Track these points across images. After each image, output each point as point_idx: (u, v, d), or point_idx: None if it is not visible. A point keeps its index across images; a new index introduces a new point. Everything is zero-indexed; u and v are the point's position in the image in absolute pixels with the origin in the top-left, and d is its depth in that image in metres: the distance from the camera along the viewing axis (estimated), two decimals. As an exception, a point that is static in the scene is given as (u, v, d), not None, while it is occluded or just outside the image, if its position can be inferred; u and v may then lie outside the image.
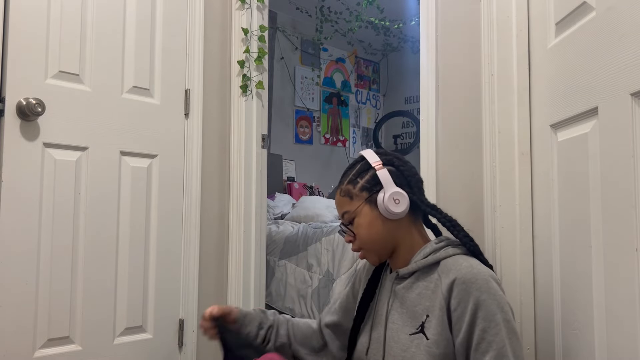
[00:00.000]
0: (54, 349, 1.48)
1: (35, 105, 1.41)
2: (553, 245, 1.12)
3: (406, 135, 5.05)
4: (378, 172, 1.04)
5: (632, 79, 0.81)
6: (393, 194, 1.01)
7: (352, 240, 1.07)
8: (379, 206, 1.03)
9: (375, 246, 1.05)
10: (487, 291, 0.91)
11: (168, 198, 1.76)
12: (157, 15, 1.77)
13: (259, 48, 1.96)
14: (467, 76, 1.43)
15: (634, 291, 0.81)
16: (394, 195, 1.01)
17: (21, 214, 1.43)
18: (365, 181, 1.05)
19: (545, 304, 1.17)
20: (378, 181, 1.04)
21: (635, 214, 0.80)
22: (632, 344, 0.82)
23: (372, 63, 5.26)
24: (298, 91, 4.50)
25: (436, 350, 0.93)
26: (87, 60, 1.58)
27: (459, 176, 1.18)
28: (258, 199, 1.95)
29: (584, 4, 0.98)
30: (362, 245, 1.06)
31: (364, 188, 1.05)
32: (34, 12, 1.47)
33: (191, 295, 1.79)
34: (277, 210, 3.51)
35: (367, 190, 1.05)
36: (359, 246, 1.07)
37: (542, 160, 1.19)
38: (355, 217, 1.05)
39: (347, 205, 1.07)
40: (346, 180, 1.08)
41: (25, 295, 1.43)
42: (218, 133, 1.92)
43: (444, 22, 1.51)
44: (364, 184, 1.05)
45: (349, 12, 3.92)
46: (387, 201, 1.01)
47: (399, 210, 1.01)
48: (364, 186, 1.05)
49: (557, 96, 1.11)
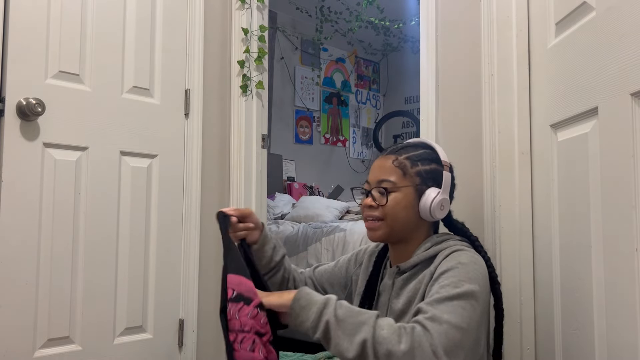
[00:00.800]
0: (54, 349, 1.48)
1: (35, 105, 1.41)
2: (553, 245, 1.12)
3: (406, 135, 5.05)
4: (445, 173, 1.04)
5: (632, 79, 0.81)
6: (443, 200, 1.02)
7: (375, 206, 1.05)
8: (423, 200, 1.02)
9: (394, 225, 1.03)
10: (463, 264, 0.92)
11: (168, 198, 1.76)
12: (157, 15, 1.77)
13: (259, 48, 1.96)
14: (467, 76, 1.43)
15: (634, 291, 0.81)
16: (443, 202, 1.02)
17: (21, 214, 1.43)
18: (425, 170, 1.04)
19: (545, 304, 1.17)
20: (436, 178, 1.04)
21: (635, 214, 0.80)
22: (632, 344, 0.82)
23: (372, 63, 5.26)
24: (298, 91, 4.50)
25: None
26: (87, 60, 1.58)
27: (458, 176, 1.18)
28: (258, 199, 1.95)
29: (584, 4, 0.98)
30: (386, 216, 1.03)
31: (420, 174, 1.03)
32: (34, 12, 1.47)
33: (191, 295, 1.79)
34: (277, 210, 3.51)
35: (421, 178, 1.03)
36: (381, 215, 1.04)
37: (542, 160, 1.19)
38: (395, 191, 1.03)
39: (395, 176, 1.04)
40: (406, 155, 1.06)
41: (25, 295, 1.43)
42: (218, 133, 1.92)
43: (444, 22, 1.51)
44: (423, 170, 1.04)
45: (349, 12, 3.92)
46: (436, 203, 1.01)
47: (439, 216, 1.03)
48: (421, 172, 1.03)
49: (557, 96, 1.10)
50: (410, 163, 1.04)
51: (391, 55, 5.17)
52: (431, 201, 1.01)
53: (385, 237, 1.06)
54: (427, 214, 1.02)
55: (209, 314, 1.85)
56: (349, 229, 2.60)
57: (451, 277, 0.91)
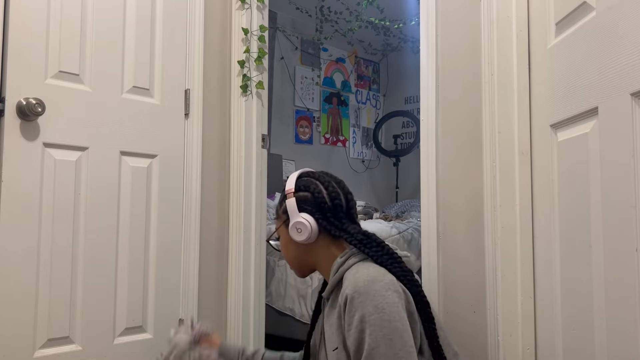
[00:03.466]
0: (54, 349, 1.48)
1: (35, 105, 1.41)
2: (553, 245, 1.12)
3: (406, 135, 5.05)
4: (287, 201, 1.12)
5: (632, 79, 0.81)
6: (295, 224, 1.09)
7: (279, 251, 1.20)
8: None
9: (292, 264, 1.17)
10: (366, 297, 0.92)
11: (168, 198, 1.76)
12: (157, 15, 1.77)
13: (259, 48, 1.96)
14: (467, 76, 1.43)
15: (634, 291, 0.81)
16: (295, 225, 1.09)
17: (21, 214, 1.43)
18: (284, 206, 1.14)
19: (545, 304, 1.17)
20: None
21: (635, 214, 0.80)
22: (632, 344, 0.82)
23: (372, 63, 5.26)
24: (298, 91, 4.50)
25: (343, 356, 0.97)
26: (87, 60, 1.58)
27: (459, 176, 1.18)
28: (258, 199, 1.95)
29: (584, 4, 0.98)
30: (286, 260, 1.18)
31: (284, 212, 1.14)
32: (34, 12, 1.47)
33: (191, 295, 1.79)
34: (277, 210, 3.51)
35: (285, 214, 1.13)
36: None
37: (542, 160, 1.19)
38: (278, 236, 1.18)
39: (275, 222, 1.19)
40: (279, 200, 1.18)
41: (25, 295, 1.43)
42: (218, 133, 1.92)
43: (444, 22, 1.51)
44: (284, 207, 1.14)
45: (349, 12, 3.92)
46: (291, 230, 1.09)
47: (300, 239, 1.08)
48: (284, 209, 1.13)
49: (557, 96, 1.10)
50: (279, 205, 1.17)
51: (391, 55, 5.17)
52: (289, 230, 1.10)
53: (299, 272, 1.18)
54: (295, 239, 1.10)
55: (209, 314, 1.85)
56: (349, 229, 2.59)
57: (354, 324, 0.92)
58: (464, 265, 1.39)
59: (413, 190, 4.41)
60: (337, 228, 1.08)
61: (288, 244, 1.14)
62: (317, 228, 1.08)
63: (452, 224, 1.43)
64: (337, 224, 1.09)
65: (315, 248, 1.11)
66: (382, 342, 0.89)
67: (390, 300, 0.92)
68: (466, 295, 1.38)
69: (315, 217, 1.08)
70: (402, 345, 0.89)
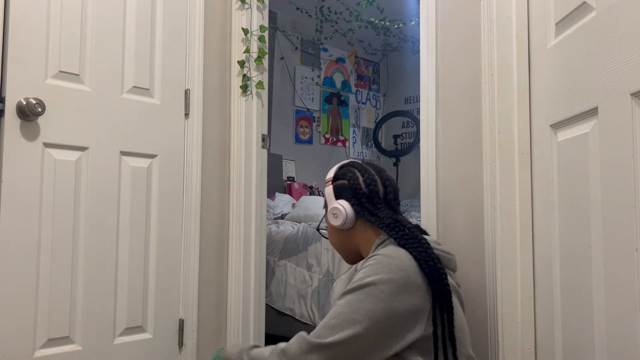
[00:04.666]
0: (54, 349, 1.48)
1: (35, 105, 1.41)
2: (553, 245, 1.12)
3: (406, 135, 5.05)
4: (325, 189, 1.19)
5: (632, 79, 0.81)
6: (332, 210, 1.15)
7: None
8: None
9: (337, 249, 1.22)
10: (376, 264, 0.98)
11: (168, 198, 1.76)
12: (157, 16, 1.77)
13: (259, 48, 1.96)
14: (467, 76, 1.43)
15: (634, 291, 0.81)
16: (332, 211, 1.15)
17: (21, 214, 1.43)
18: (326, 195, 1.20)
19: (545, 304, 1.17)
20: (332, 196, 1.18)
21: (635, 214, 0.80)
22: (632, 344, 0.82)
23: (372, 63, 5.26)
24: (298, 91, 4.50)
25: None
26: (87, 60, 1.58)
27: (459, 176, 1.18)
28: (258, 199, 1.95)
29: (584, 4, 0.98)
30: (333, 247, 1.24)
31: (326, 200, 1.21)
32: (34, 12, 1.47)
33: (191, 295, 1.79)
34: (277, 210, 3.51)
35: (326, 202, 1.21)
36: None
37: (542, 160, 1.19)
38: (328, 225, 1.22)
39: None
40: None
41: (25, 295, 1.43)
42: (218, 133, 1.92)
43: (444, 22, 1.51)
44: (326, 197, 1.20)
45: (349, 12, 3.92)
46: (329, 215, 1.16)
47: (336, 224, 1.14)
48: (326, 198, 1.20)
49: (557, 96, 1.11)
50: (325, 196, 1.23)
51: (391, 55, 5.17)
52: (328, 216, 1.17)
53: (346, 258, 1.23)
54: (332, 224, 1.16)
55: (209, 314, 1.85)
56: (349, 229, 2.59)
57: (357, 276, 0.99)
58: (464, 265, 1.39)
59: (413, 190, 4.41)
60: (370, 213, 1.13)
61: (331, 230, 1.21)
62: (352, 213, 1.13)
63: (452, 224, 1.43)
64: (371, 209, 1.13)
65: (354, 233, 1.16)
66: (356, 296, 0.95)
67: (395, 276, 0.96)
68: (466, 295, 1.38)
69: (351, 203, 1.14)
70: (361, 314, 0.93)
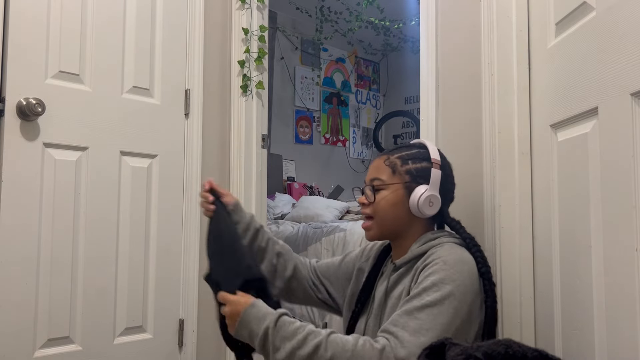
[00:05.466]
0: (54, 349, 1.48)
1: (35, 105, 1.41)
2: (553, 245, 1.12)
3: (406, 135, 5.05)
4: (433, 170, 1.06)
5: (632, 79, 0.81)
6: (431, 197, 1.04)
7: (366, 203, 1.09)
8: (411, 196, 1.05)
9: (384, 222, 1.08)
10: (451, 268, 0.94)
11: (168, 198, 1.76)
12: (157, 16, 1.77)
13: (259, 48, 1.96)
14: (467, 76, 1.43)
15: (634, 291, 0.81)
16: (431, 198, 1.04)
17: (21, 214, 1.43)
18: (416, 168, 1.07)
19: (545, 304, 1.17)
20: (426, 176, 1.06)
21: (635, 214, 0.80)
22: (632, 344, 0.82)
23: (372, 63, 5.26)
24: (298, 91, 4.50)
25: None
26: (87, 60, 1.58)
27: (458, 176, 1.18)
28: (258, 199, 1.95)
29: (584, 4, 0.98)
30: (375, 214, 1.08)
31: (410, 172, 1.06)
32: (34, 12, 1.47)
33: (191, 295, 1.79)
34: (277, 210, 3.51)
35: (411, 176, 1.06)
36: (371, 212, 1.09)
37: (542, 160, 1.19)
38: (384, 189, 1.07)
39: (385, 174, 1.08)
40: (398, 154, 1.09)
41: (25, 295, 1.43)
42: (218, 133, 1.92)
43: (444, 22, 1.51)
44: (413, 168, 1.06)
45: (349, 12, 3.92)
46: (423, 199, 1.03)
47: (428, 213, 1.05)
48: (411, 170, 1.06)
49: (557, 96, 1.10)
50: (401, 162, 1.08)
51: (391, 55, 5.17)
52: (418, 197, 1.04)
53: (378, 235, 1.10)
54: (416, 210, 1.04)
55: (209, 314, 1.85)
56: (349, 229, 2.60)
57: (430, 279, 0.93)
58: (464, 265, 1.39)
59: (413, 190, 4.40)
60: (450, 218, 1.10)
61: (398, 204, 1.06)
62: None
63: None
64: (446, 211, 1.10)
65: (413, 222, 1.08)
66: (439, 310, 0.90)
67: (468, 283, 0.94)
68: (466, 295, 1.38)
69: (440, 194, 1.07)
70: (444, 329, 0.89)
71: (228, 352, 1.87)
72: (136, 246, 1.67)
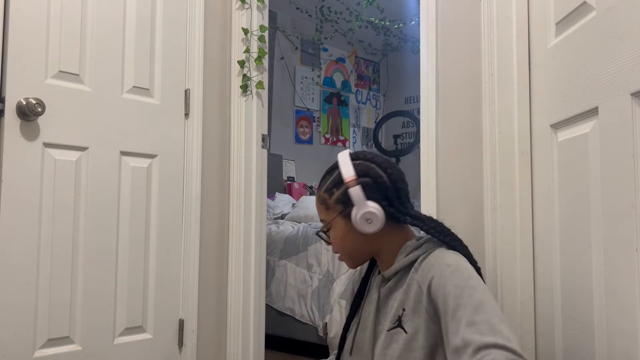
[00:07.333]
0: (54, 349, 1.48)
1: (35, 105, 1.41)
2: (553, 245, 1.12)
3: (406, 135, 5.05)
4: (350, 190, 0.99)
5: (632, 79, 0.81)
6: (365, 214, 0.98)
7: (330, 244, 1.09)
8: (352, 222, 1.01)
9: (351, 253, 1.06)
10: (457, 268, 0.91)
11: (168, 198, 1.76)
12: (157, 15, 1.77)
13: (259, 48, 1.96)
14: (467, 76, 1.43)
15: (634, 291, 0.81)
16: (365, 216, 0.98)
17: (21, 214, 1.43)
18: (340, 193, 1.02)
19: (545, 304, 1.17)
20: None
21: (635, 214, 0.80)
22: (632, 344, 0.82)
23: (372, 63, 5.26)
24: (298, 91, 4.50)
25: (416, 344, 0.92)
26: (87, 60, 1.58)
27: (459, 176, 1.18)
28: (258, 199, 1.95)
29: (584, 4, 0.98)
30: (339, 250, 1.07)
31: (339, 201, 1.03)
32: (34, 12, 1.47)
33: (191, 295, 1.79)
34: (277, 210, 3.51)
35: (341, 204, 1.02)
36: (335, 250, 1.09)
37: (542, 160, 1.19)
38: (331, 227, 1.05)
39: (323, 213, 1.07)
40: (323, 188, 1.06)
41: (25, 295, 1.43)
42: (218, 133, 1.92)
43: (444, 22, 1.51)
44: (338, 196, 1.03)
45: (349, 12, 3.92)
46: (360, 221, 0.99)
47: (371, 230, 0.99)
48: (338, 199, 1.03)
49: (557, 96, 1.10)
50: (328, 194, 1.04)
51: (391, 55, 5.17)
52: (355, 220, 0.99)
53: (353, 264, 1.09)
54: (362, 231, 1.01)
55: (209, 314, 1.85)
56: (349, 229, 2.59)
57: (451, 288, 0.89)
58: (464, 265, 1.39)
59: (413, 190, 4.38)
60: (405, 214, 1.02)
61: (347, 234, 1.03)
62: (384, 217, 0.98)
63: (452, 224, 1.43)
64: (404, 210, 1.02)
65: (379, 236, 1.02)
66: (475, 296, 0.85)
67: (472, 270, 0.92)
68: (466, 295, 1.38)
69: (382, 205, 0.99)
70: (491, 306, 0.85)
71: (228, 352, 1.88)
72: (136, 246, 1.67)
